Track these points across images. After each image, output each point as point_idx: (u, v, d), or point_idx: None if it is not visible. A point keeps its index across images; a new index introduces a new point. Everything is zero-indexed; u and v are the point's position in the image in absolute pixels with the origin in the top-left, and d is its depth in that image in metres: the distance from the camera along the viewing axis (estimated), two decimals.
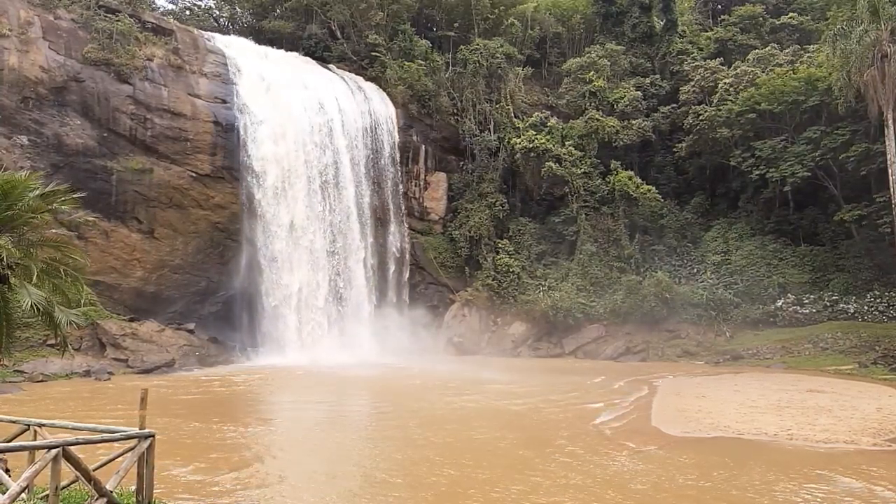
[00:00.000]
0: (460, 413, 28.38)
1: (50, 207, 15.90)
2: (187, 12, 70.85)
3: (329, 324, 52.36)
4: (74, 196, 16.81)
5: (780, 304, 51.71)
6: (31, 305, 14.33)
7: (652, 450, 21.56)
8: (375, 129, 58.46)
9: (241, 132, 50.60)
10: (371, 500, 15.97)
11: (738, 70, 58.85)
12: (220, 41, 55.15)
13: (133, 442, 11.75)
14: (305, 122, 53.45)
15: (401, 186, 60.18)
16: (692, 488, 17.31)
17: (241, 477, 17.99)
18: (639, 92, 63.67)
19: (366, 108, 58.39)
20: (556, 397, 32.56)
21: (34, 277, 14.69)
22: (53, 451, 10.01)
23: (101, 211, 44.94)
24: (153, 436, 11.92)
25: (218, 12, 74.38)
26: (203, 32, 55.62)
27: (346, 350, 49.28)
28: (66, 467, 10.37)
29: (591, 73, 64.24)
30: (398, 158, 59.90)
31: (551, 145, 60.42)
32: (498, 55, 64.21)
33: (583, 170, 60.65)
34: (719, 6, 74.74)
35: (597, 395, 33.55)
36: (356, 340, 51.63)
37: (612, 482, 17.67)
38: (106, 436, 11.95)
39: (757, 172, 54.48)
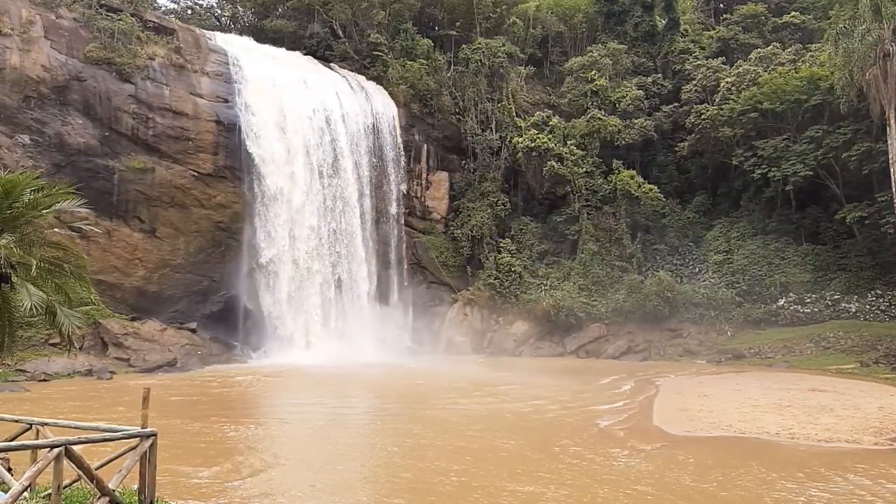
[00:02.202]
0: (465, 414, 28.26)
1: (52, 206, 15.88)
2: (189, 11, 70.86)
3: (331, 323, 52.33)
4: (78, 202, 16.73)
5: (781, 303, 51.64)
6: (33, 305, 14.31)
7: (656, 450, 21.55)
8: (377, 128, 58.46)
9: (243, 130, 50.57)
10: None
11: (740, 69, 58.78)
12: (222, 40, 55.09)
13: (135, 441, 11.75)
14: (308, 121, 53.44)
15: (403, 186, 60.17)
16: (697, 488, 17.31)
17: (244, 479, 17.95)
18: (641, 91, 63.64)
19: (368, 107, 58.36)
20: (560, 397, 32.45)
21: (35, 277, 14.68)
22: (55, 451, 10.01)
23: (103, 210, 44.93)
24: (155, 435, 11.91)
25: (220, 11, 74.44)
26: (205, 31, 55.56)
27: (347, 349, 49.23)
28: (68, 466, 10.37)
29: (593, 73, 64.21)
30: (400, 158, 59.89)
31: (553, 144, 60.38)
32: (500, 54, 64.19)
33: (584, 169, 60.62)
34: (721, 5, 74.67)
35: (601, 396, 33.49)
36: (358, 340, 51.58)
37: (619, 484, 17.65)
38: (108, 435, 11.95)
39: (759, 171, 54.46)
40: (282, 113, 52.35)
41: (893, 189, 41.68)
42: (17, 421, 13.26)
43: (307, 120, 53.43)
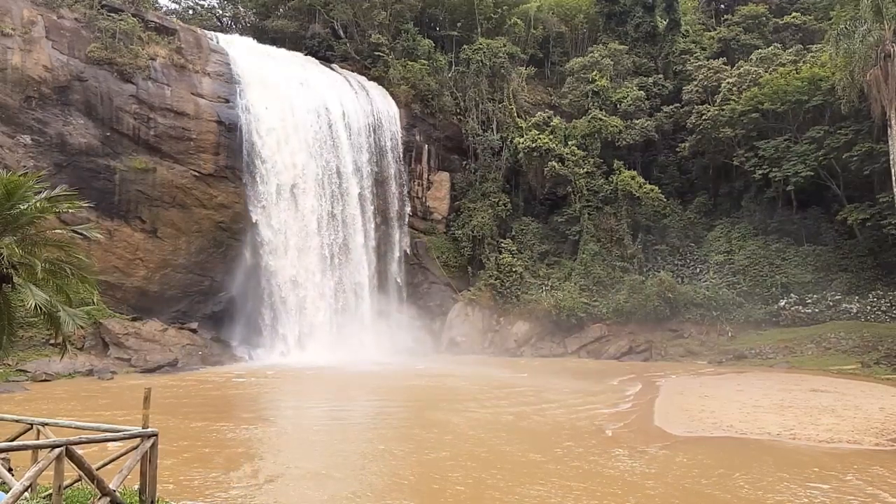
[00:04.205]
0: (470, 417, 28.12)
1: (55, 209, 15.88)
2: (190, 12, 70.96)
3: (332, 323, 52.33)
4: (80, 203, 16.74)
5: (782, 303, 51.62)
6: (36, 305, 14.31)
7: (661, 451, 21.52)
8: (379, 128, 58.48)
9: (246, 131, 50.61)
10: None
11: (742, 70, 58.73)
12: (224, 40, 55.13)
13: (136, 441, 11.74)
14: (309, 121, 53.45)
15: (404, 186, 60.20)
16: (701, 489, 17.31)
17: (248, 485, 17.84)
18: (642, 91, 63.63)
19: (369, 107, 58.40)
20: (566, 400, 32.32)
21: (38, 277, 14.67)
22: (56, 451, 10.01)
23: (104, 210, 44.99)
24: (156, 435, 11.91)
25: (221, 12, 74.55)
26: (206, 32, 55.60)
27: (348, 349, 49.28)
28: (69, 466, 10.37)
29: (594, 73, 64.19)
30: (401, 158, 59.92)
31: (554, 145, 60.37)
32: (501, 55, 64.22)
33: (586, 169, 60.61)
34: (722, 6, 74.53)
35: (606, 398, 33.39)
36: (359, 340, 51.62)
37: (625, 485, 17.64)
38: (109, 435, 11.94)
39: (760, 172, 54.44)
40: (282, 112, 52.38)
41: (894, 190, 41.64)
42: (17, 421, 13.26)
43: (308, 120, 53.40)
